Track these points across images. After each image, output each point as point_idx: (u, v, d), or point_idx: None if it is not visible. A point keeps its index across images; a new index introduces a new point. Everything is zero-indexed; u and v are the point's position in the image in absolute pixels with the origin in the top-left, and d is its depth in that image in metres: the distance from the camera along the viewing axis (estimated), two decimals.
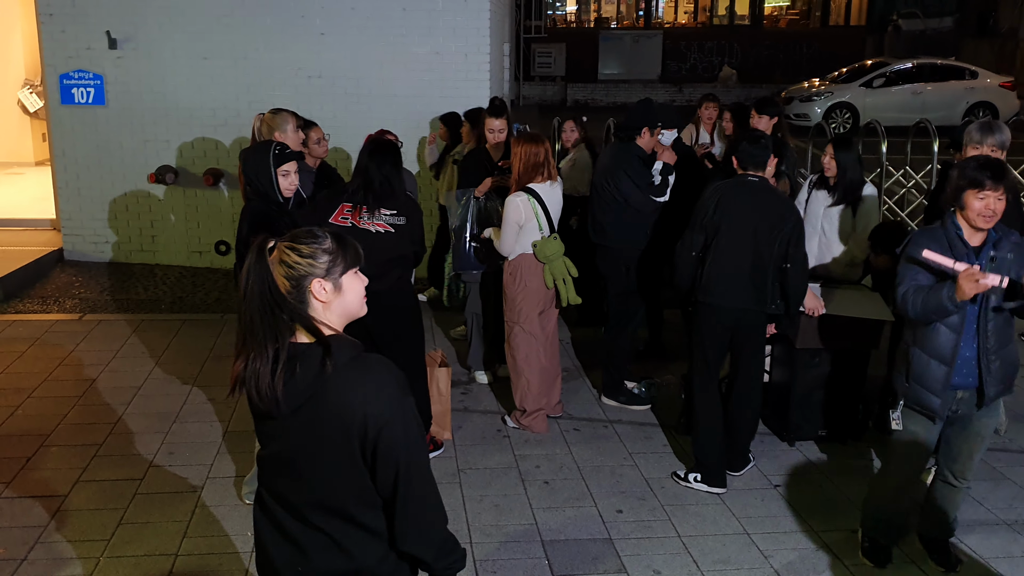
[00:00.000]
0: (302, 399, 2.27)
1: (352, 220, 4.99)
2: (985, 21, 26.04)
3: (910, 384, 4.13)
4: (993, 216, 3.87)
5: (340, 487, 2.33)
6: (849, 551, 4.59)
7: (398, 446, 2.28)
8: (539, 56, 25.19)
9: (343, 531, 2.36)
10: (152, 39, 8.84)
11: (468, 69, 8.89)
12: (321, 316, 2.34)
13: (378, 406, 2.26)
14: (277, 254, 2.31)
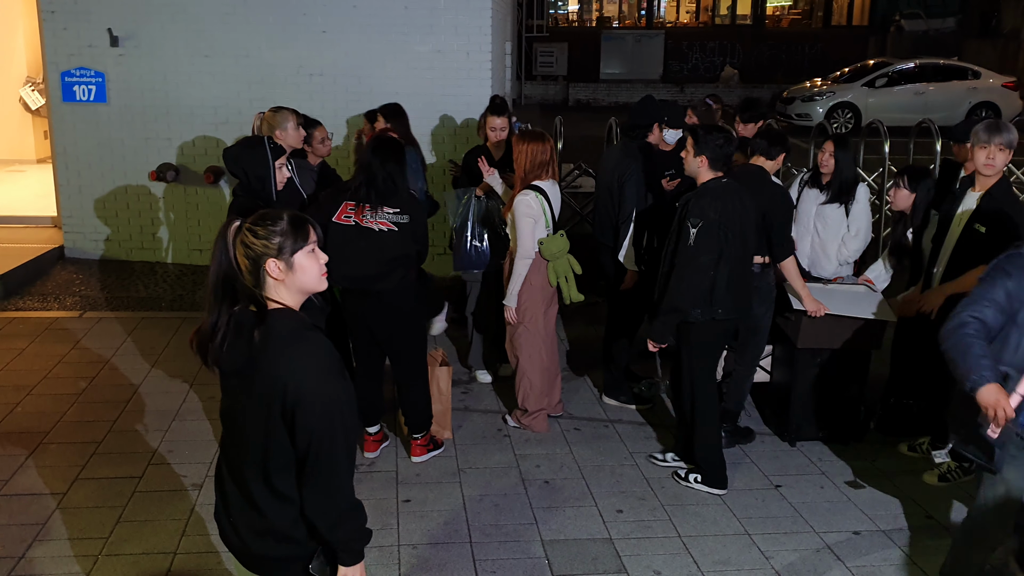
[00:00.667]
0: (240, 362, 2.51)
1: (355, 218, 4.97)
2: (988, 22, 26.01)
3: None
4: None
5: (264, 448, 2.54)
6: (850, 552, 4.57)
7: (313, 417, 2.47)
8: (541, 55, 25.18)
9: (261, 492, 2.58)
10: (154, 37, 8.83)
11: (470, 67, 8.87)
12: (273, 292, 2.56)
13: (301, 376, 2.47)
14: (239, 235, 2.56)
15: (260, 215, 2.58)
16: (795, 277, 5.38)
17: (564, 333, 7.40)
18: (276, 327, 2.51)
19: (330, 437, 2.49)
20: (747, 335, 5.59)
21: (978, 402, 3.32)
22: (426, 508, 4.89)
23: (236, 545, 2.70)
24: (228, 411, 2.66)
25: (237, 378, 2.57)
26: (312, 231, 2.62)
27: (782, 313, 5.73)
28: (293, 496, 2.57)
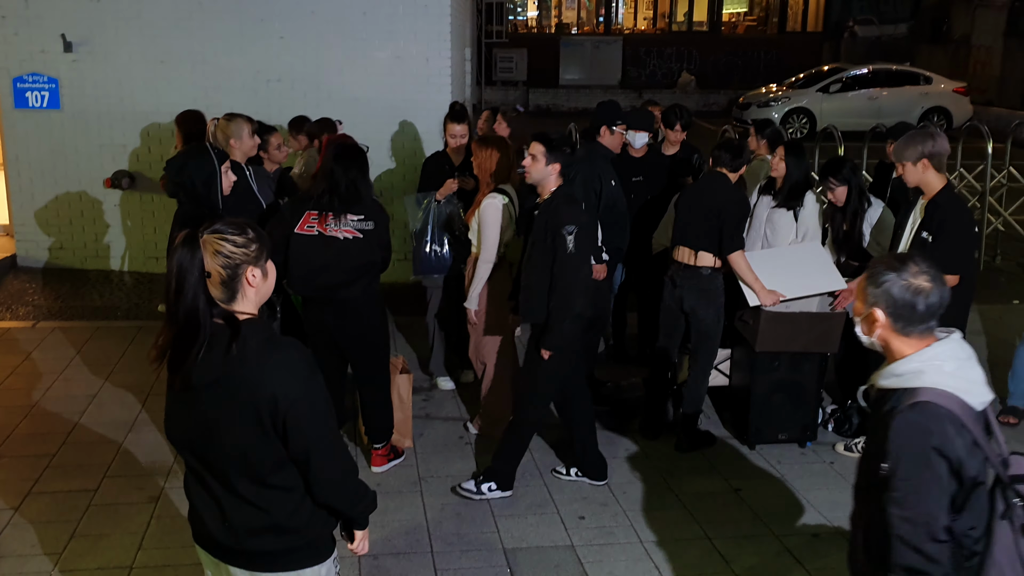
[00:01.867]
0: (215, 374, 2.47)
1: (319, 227, 4.90)
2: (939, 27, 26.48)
3: None
4: None
5: (251, 454, 2.54)
6: (810, 554, 4.62)
7: (306, 420, 2.52)
8: (501, 61, 25.23)
9: (255, 492, 2.58)
10: (108, 42, 8.71)
11: (429, 73, 8.86)
12: (240, 302, 2.54)
13: (287, 385, 2.48)
14: (208, 244, 2.49)
15: (227, 223, 2.54)
16: (745, 270, 5.44)
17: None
18: (251, 338, 2.49)
19: (324, 433, 2.58)
20: (698, 339, 5.63)
21: None
22: (387, 518, 4.86)
23: (232, 547, 2.66)
24: (200, 422, 2.56)
25: (210, 390, 2.50)
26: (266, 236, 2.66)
27: (739, 317, 5.78)
28: (289, 489, 2.61)
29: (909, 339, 2.59)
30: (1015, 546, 2.50)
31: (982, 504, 2.52)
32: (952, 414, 2.47)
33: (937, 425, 2.45)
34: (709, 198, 5.42)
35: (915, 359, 2.55)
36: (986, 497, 2.52)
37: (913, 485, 2.46)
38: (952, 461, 2.45)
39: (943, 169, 5.04)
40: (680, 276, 5.57)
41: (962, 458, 2.46)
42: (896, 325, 2.58)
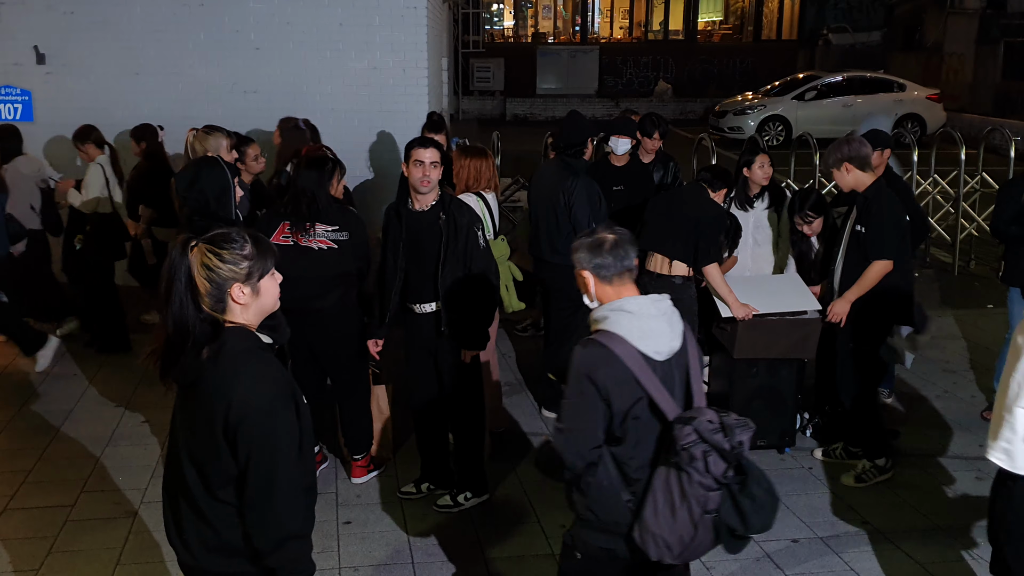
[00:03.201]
0: (192, 377, 2.47)
1: (294, 238, 4.90)
2: (912, 35, 26.76)
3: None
4: None
5: (209, 464, 2.49)
6: (789, 560, 4.63)
7: (256, 437, 2.43)
8: (478, 71, 25.28)
9: (210, 506, 2.53)
10: (82, 54, 8.67)
11: (407, 83, 8.87)
12: (230, 313, 2.50)
13: (245, 396, 2.43)
14: (198, 254, 2.46)
15: (220, 235, 2.50)
16: (720, 283, 5.48)
17: (506, 346, 7.40)
18: (229, 345, 2.46)
19: (270, 460, 2.44)
20: None
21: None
22: (367, 530, 4.85)
23: (188, 563, 2.63)
24: (182, 424, 2.59)
25: (186, 392, 2.54)
26: (273, 251, 2.59)
27: (717, 324, 5.81)
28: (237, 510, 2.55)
29: (610, 286, 3.06)
30: (667, 479, 2.92)
31: (646, 440, 2.98)
32: (611, 352, 2.92)
33: (593, 358, 2.93)
34: (689, 208, 5.45)
35: (607, 307, 3.04)
36: (653, 435, 2.98)
37: (570, 403, 2.98)
38: (600, 389, 2.91)
39: (867, 168, 5.20)
40: (652, 286, 5.58)
41: (610, 389, 2.91)
42: (597, 275, 3.06)
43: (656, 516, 2.93)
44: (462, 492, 5.07)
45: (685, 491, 2.88)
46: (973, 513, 5.09)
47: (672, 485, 2.91)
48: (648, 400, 2.94)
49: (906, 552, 4.70)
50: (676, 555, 2.97)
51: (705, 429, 2.86)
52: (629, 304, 3.01)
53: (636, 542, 2.99)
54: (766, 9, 30.52)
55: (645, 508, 2.95)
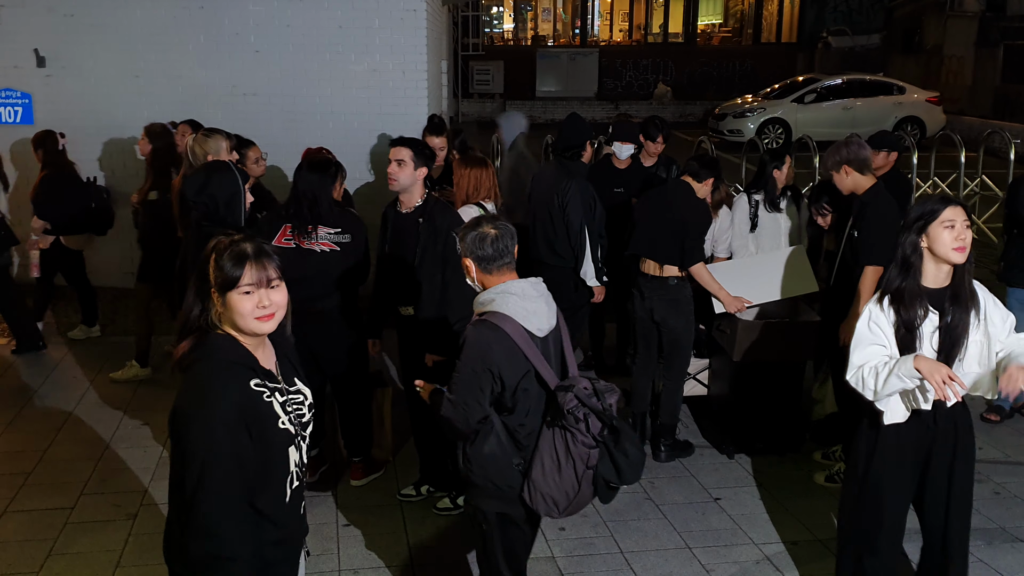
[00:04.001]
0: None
1: (296, 241, 4.91)
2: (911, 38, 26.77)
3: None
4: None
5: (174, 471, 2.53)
6: (789, 563, 4.64)
7: (190, 452, 2.44)
8: (477, 73, 25.28)
9: (176, 504, 2.53)
10: (82, 57, 8.67)
11: (406, 86, 8.87)
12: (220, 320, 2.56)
13: (184, 401, 2.48)
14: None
15: (222, 244, 2.56)
16: (708, 280, 5.51)
17: None
18: (205, 353, 2.51)
19: (198, 474, 2.42)
20: (670, 349, 5.66)
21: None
22: (367, 532, 4.85)
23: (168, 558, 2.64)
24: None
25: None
26: (265, 268, 2.55)
27: (717, 327, 5.82)
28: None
29: (491, 276, 3.32)
30: (552, 441, 3.29)
31: (535, 409, 3.33)
32: (502, 331, 3.22)
33: (486, 337, 3.22)
34: (676, 211, 5.45)
35: (493, 291, 3.31)
36: (540, 404, 3.33)
37: (462, 377, 3.24)
38: (493, 365, 3.22)
39: (866, 170, 5.21)
40: (648, 287, 5.60)
41: (502, 365, 3.23)
42: (479, 266, 3.31)
43: (544, 475, 3.31)
44: (461, 494, 5.08)
45: (570, 450, 3.27)
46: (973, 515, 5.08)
47: (558, 446, 3.29)
48: (535, 373, 3.31)
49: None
50: (562, 510, 3.37)
51: (583, 394, 3.25)
52: (513, 287, 3.32)
53: (526, 502, 3.36)
54: (766, 12, 30.54)
55: (533, 469, 3.32)
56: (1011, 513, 5.14)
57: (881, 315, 3.49)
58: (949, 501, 3.67)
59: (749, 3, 30.65)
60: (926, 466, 3.66)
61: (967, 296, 3.46)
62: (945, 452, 3.62)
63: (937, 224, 3.41)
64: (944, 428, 3.59)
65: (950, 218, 3.40)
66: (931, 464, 3.64)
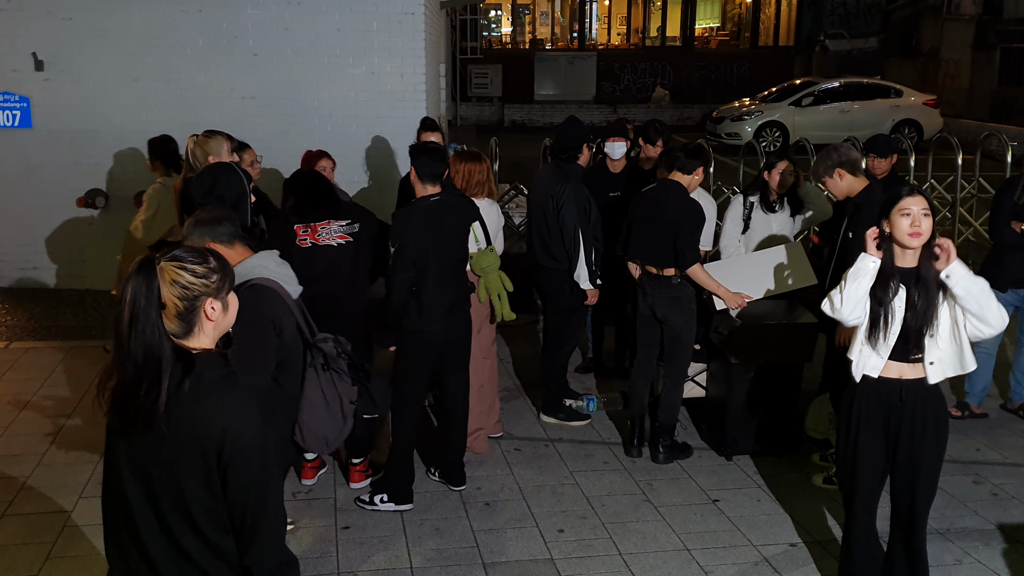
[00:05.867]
0: (166, 415, 2.28)
1: (311, 239, 4.95)
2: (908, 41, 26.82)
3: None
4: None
5: (197, 502, 2.33)
6: (788, 564, 4.64)
7: (253, 467, 2.32)
8: (476, 77, 25.31)
9: (195, 544, 2.36)
10: (81, 61, 8.68)
11: (404, 89, 8.88)
12: (197, 336, 2.37)
13: (237, 426, 2.30)
14: (166, 272, 2.31)
15: (187, 250, 2.39)
16: (706, 280, 5.52)
17: (504, 352, 7.40)
18: (206, 374, 2.32)
19: (263, 493, 2.36)
20: (671, 346, 5.66)
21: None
22: (366, 535, 4.85)
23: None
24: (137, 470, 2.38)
25: (145, 433, 2.30)
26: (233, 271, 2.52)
27: (715, 328, 5.83)
28: (226, 546, 2.39)
29: (232, 251, 3.60)
30: (318, 382, 3.78)
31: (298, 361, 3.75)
32: (276, 293, 3.65)
33: (266, 298, 3.61)
34: (669, 213, 5.45)
35: (249, 262, 3.66)
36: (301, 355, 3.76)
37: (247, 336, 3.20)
38: (275, 322, 3.62)
39: (859, 172, 5.24)
40: (650, 285, 5.61)
41: (281, 322, 3.65)
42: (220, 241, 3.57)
43: (314, 414, 3.77)
44: (379, 493, 5.11)
45: (336, 388, 3.77)
46: (970, 516, 5.10)
47: (324, 386, 3.77)
48: (297, 327, 3.74)
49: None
50: (330, 445, 3.90)
51: (337, 344, 3.79)
52: (264, 259, 3.74)
53: (298, 443, 3.83)
54: (763, 15, 30.57)
55: (302, 411, 3.75)
56: (1008, 514, 5.14)
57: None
58: (916, 478, 3.88)
59: (747, 7, 30.69)
60: (896, 441, 3.87)
61: (933, 276, 3.69)
62: (914, 430, 3.82)
63: (896, 211, 3.69)
64: (911, 405, 3.81)
65: (907, 207, 3.66)
66: (900, 440, 3.86)
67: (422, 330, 4.96)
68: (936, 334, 3.73)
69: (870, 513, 4.06)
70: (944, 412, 3.90)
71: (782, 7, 29.97)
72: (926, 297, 3.71)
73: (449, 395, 5.28)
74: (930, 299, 3.71)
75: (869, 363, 3.83)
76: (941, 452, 3.91)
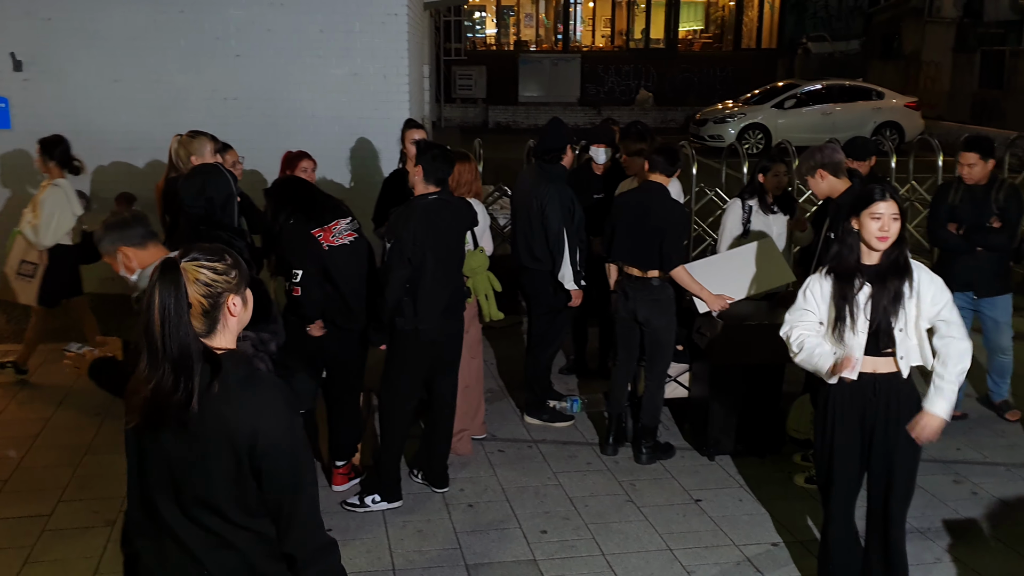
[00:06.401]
0: (197, 415, 2.30)
1: (326, 242, 4.91)
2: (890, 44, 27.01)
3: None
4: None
5: (228, 500, 2.37)
6: (770, 564, 4.66)
7: (286, 463, 2.36)
8: (460, 78, 25.31)
9: (234, 532, 2.40)
10: (61, 61, 8.62)
11: (388, 90, 8.87)
12: (221, 333, 2.41)
13: (268, 424, 2.33)
14: (189, 271, 2.34)
15: (201, 249, 2.41)
16: (689, 282, 5.53)
17: (488, 353, 7.40)
18: (232, 373, 2.35)
19: (303, 479, 2.41)
20: (652, 349, 5.68)
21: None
22: (348, 536, 4.83)
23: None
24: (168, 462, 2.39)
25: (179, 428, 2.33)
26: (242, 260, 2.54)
27: (697, 329, 5.84)
28: (261, 534, 2.42)
29: (145, 252, 3.63)
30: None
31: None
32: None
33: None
34: (654, 218, 5.46)
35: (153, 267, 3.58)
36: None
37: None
38: None
39: (841, 174, 5.25)
40: (631, 288, 5.62)
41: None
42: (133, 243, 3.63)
43: None
44: (371, 494, 5.11)
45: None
46: (951, 515, 5.13)
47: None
48: None
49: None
50: None
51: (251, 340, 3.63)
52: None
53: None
54: (746, 18, 30.71)
55: None
56: (989, 513, 5.18)
57: (818, 285, 3.91)
58: (892, 472, 3.90)
59: (730, 9, 30.83)
60: (871, 436, 3.89)
61: (895, 274, 3.77)
62: (888, 424, 3.85)
63: (867, 213, 3.74)
64: (885, 399, 3.84)
65: (878, 211, 3.71)
66: (875, 435, 3.89)
67: (416, 330, 4.95)
68: (905, 328, 3.78)
69: (847, 510, 4.08)
70: (918, 406, 3.91)
71: (765, 10, 30.12)
72: (891, 293, 3.75)
73: (437, 397, 5.27)
74: (892, 295, 3.75)
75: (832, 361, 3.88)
76: (917, 448, 3.92)
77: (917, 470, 3.99)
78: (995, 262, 6.04)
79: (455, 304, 5.12)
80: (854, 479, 4.02)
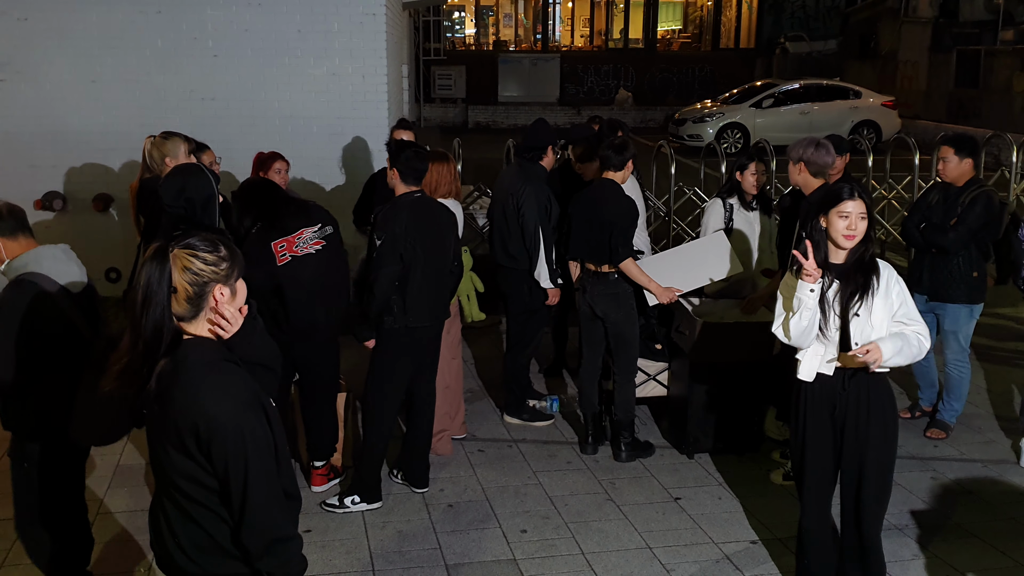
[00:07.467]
0: (159, 390, 2.44)
1: (289, 252, 4.85)
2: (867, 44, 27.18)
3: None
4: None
5: (187, 476, 2.46)
6: (749, 561, 4.68)
7: (229, 453, 2.40)
8: (439, 78, 25.28)
9: (196, 510, 2.49)
10: (37, 62, 8.55)
11: (366, 90, 8.85)
12: (198, 324, 2.50)
13: (212, 413, 2.38)
14: (178, 258, 2.44)
15: (200, 238, 2.49)
16: (638, 275, 5.56)
17: (467, 353, 7.40)
18: (191, 358, 2.45)
19: (243, 472, 2.41)
20: (616, 343, 5.70)
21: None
22: (327, 537, 4.82)
23: (185, 567, 2.55)
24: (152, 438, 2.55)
25: (154, 406, 2.49)
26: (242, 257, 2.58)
27: (676, 328, 5.87)
28: (225, 515, 2.50)
29: (15, 243, 3.83)
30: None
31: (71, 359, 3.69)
32: (38, 286, 3.69)
33: (20, 294, 3.69)
34: (605, 211, 5.49)
35: (24, 257, 3.79)
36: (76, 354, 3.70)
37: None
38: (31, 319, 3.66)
39: (820, 176, 5.28)
40: (589, 282, 5.66)
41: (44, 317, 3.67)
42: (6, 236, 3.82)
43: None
44: (351, 495, 5.10)
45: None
46: (929, 512, 5.18)
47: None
48: (72, 324, 3.77)
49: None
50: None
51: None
52: (45, 252, 3.80)
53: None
54: (724, 18, 30.86)
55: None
56: (966, 509, 5.23)
57: (790, 283, 3.90)
58: (864, 465, 3.91)
59: (708, 9, 30.97)
60: (842, 431, 3.93)
61: (861, 271, 3.79)
62: (859, 418, 3.88)
63: (834, 212, 3.76)
64: (855, 394, 3.87)
65: (846, 210, 3.74)
66: (846, 430, 3.91)
67: (404, 328, 4.95)
68: (872, 325, 3.80)
69: (821, 504, 4.10)
70: (890, 401, 3.93)
71: (743, 10, 30.27)
72: (858, 290, 3.78)
73: (419, 397, 5.27)
74: (860, 292, 3.78)
75: (815, 362, 3.90)
76: (890, 443, 3.94)
77: (893, 468, 4.01)
78: (962, 269, 5.78)
79: (443, 304, 5.12)
80: (828, 473, 4.04)
